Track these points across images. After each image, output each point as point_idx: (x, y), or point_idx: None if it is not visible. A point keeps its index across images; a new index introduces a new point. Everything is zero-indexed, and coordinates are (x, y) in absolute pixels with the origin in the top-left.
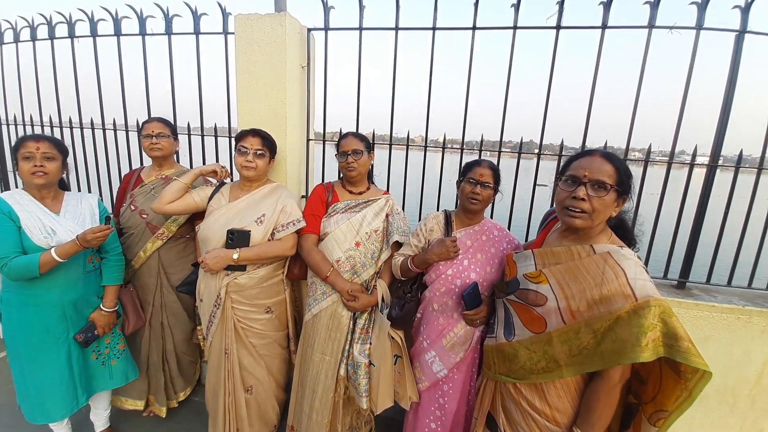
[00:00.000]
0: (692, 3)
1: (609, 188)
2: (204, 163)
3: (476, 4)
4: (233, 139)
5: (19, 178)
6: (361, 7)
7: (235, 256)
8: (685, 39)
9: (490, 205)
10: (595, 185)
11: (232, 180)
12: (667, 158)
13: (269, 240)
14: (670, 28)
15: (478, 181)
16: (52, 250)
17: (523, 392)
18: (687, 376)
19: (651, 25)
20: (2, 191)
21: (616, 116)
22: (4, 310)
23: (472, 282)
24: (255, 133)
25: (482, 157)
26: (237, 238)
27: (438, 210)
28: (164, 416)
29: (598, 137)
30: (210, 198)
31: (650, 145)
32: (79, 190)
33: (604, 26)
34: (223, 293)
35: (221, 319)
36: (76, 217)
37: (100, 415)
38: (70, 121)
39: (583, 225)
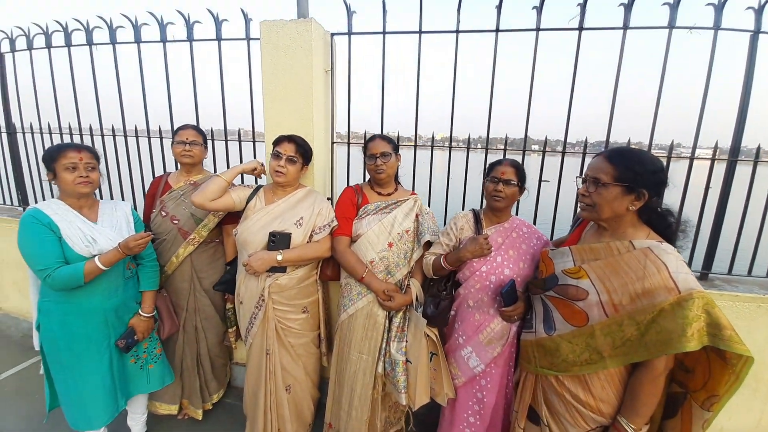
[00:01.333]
0: (709, 4)
1: (604, 184)
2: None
3: (499, 7)
4: (258, 144)
5: (48, 186)
6: (384, 11)
7: (279, 258)
8: (704, 39)
9: (516, 203)
10: (593, 182)
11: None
12: (685, 153)
13: (308, 242)
14: (690, 28)
15: (500, 179)
16: (96, 258)
17: (566, 384)
18: (732, 362)
19: (671, 26)
20: (19, 199)
21: (643, 114)
22: (44, 320)
23: (508, 279)
24: (290, 139)
25: (506, 157)
26: (279, 240)
27: (464, 209)
28: (200, 418)
29: (623, 134)
30: (248, 200)
31: (672, 142)
32: (101, 197)
33: (625, 27)
34: (266, 294)
35: (263, 320)
36: (113, 225)
37: (137, 419)
38: (90, 128)
39: (588, 216)
